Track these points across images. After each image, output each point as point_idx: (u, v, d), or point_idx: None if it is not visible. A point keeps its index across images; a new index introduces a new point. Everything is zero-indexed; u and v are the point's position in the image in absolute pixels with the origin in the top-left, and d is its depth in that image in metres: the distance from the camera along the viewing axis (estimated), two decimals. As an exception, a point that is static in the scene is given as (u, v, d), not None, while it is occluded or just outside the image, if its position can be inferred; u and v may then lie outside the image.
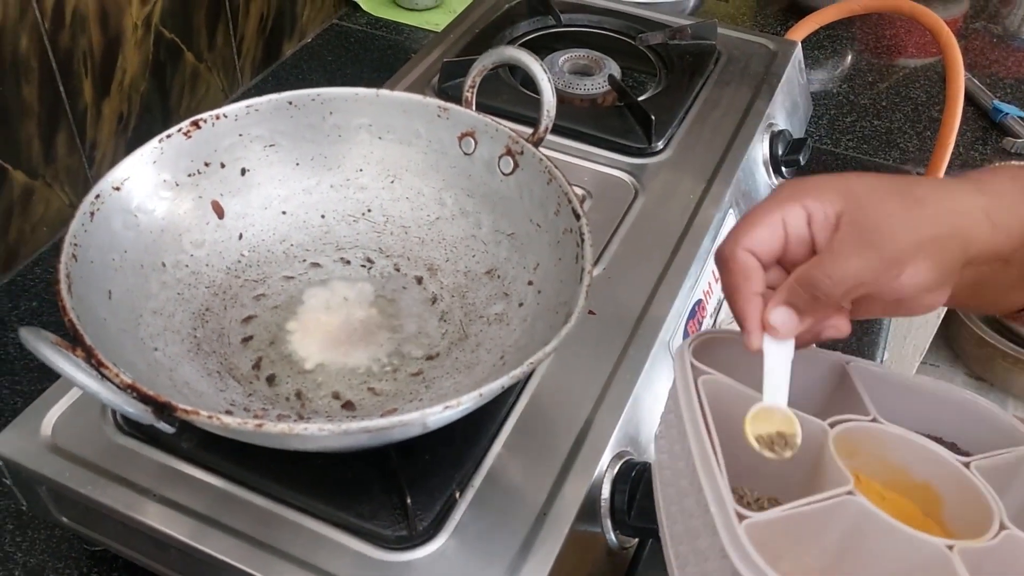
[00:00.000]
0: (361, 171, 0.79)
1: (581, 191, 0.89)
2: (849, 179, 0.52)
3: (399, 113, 0.77)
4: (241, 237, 0.75)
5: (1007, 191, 0.52)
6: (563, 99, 1.00)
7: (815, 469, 0.52)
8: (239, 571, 0.60)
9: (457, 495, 0.62)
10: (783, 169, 1.03)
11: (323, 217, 0.78)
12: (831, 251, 0.51)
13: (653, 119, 0.94)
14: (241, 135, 0.74)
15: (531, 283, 0.71)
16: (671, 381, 0.57)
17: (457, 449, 0.64)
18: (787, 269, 0.54)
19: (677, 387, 0.55)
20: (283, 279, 0.75)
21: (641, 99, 1.00)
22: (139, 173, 0.69)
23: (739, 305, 0.53)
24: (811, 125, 1.25)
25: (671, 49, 1.10)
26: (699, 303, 0.82)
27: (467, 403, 0.53)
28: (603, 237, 0.84)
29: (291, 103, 0.75)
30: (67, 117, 0.96)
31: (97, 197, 0.65)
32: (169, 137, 0.71)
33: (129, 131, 1.06)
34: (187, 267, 0.71)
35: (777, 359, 0.52)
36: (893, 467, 0.55)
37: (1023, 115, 1.28)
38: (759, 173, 1.00)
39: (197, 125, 0.72)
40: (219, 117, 0.73)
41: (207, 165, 0.73)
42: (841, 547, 0.50)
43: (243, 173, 0.75)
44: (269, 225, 0.77)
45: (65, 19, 0.92)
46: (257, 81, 1.27)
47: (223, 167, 0.74)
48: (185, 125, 0.71)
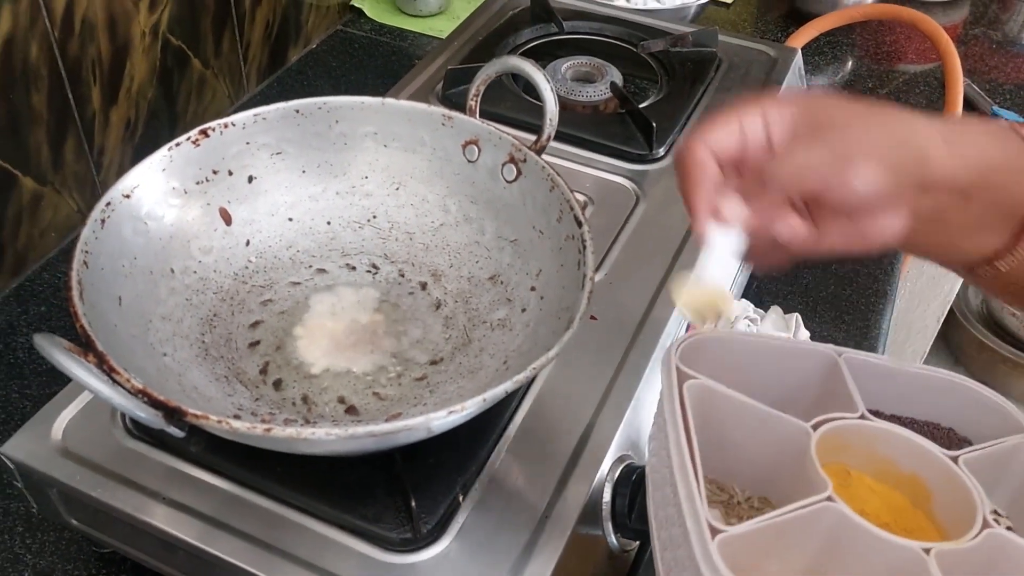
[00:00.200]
0: (367, 178, 0.80)
1: (583, 197, 0.90)
2: (809, 93, 0.53)
3: (404, 121, 0.78)
4: (248, 243, 0.76)
5: (969, 128, 0.52)
6: (565, 106, 1.02)
7: (801, 470, 0.53)
8: (246, 573, 0.61)
9: (460, 498, 0.63)
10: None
11: (329, 223, 0.79)
12: (784, 146, 0.51)
13: (654, 126, 0.95)
14: (248, 143, 0.76)
15: (534, 289, 0.72)
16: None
17: (460, 453, 0.65)
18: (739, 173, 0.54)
19: (662, 394, 0.56)
20: (290, 285, 0.76)
21: (642, 106, 1.01)
22: (149, 181, 0.70)
23: (691, 194, 0.53)
24: (812, 131, 1.25)
25: (672, 56, 1.11)
26: (700, 308, 0.83)
27: (471, 408, 0.54)
28: (605, 243, 0.85)
29: (298, 111, 0.77)
30: (75, 124, 0.98)
31: (108, 205, 0.66)
32: (178, 145, 0.72)
33: (136, 137, 1.07)
34: (195, 273, 0.73)
35: (722, 246, 0.52)
36: (882, 460, 0.55)
37: (1022, 121, 1.29)
38: (759, 179, 1.01)
39: (205, 133, 0.73)
40: (227, 125, 0.74)
41: (215, 173, 0.74)
42: (821, 553, 0.51)
43: (250, 180, 0.76)
44: (276, 231, 0.78)
45: (74, 27, 0.93)
46: (263, 87, 1.28)
47: (231, 174, 0.75)
48: (194, 134, 0.72)
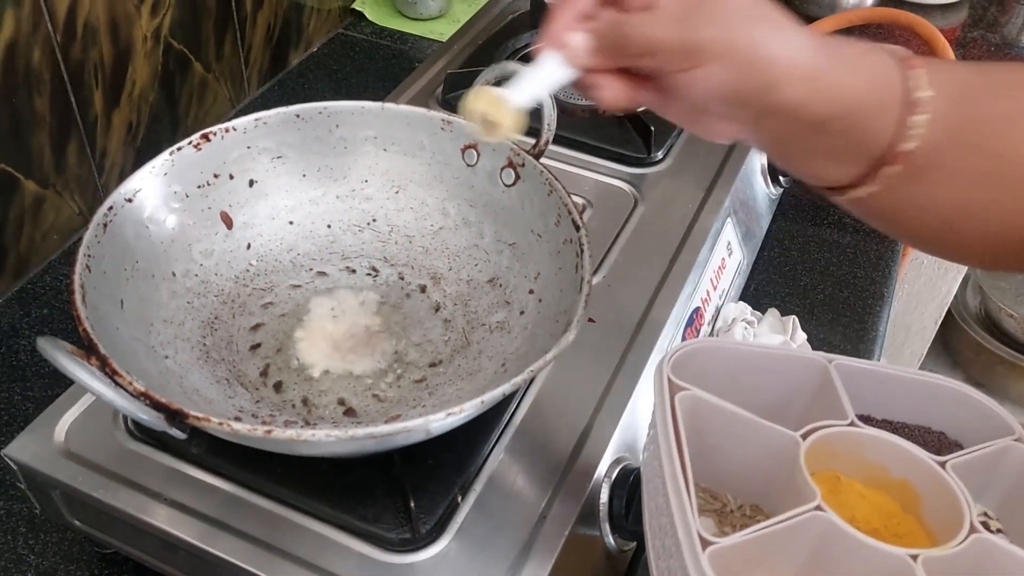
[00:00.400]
0: (366, 182, 0.81)
1: (581, 200, 0.91)
2: None
3: (404, 125, 0.79)
4: (249, 247, 0.77)
5: (843, 60, 0.51)
6: (564, 109, 1.02)
7: (791, 479, 0.54)
8: (247, 572, 0.61)
9: (459, 499, 0.64)
10: (780, 178, 1.04)
11: (329, 227, 0.80)
12: (654, 10, 0.50)
13: (652, 130, 0.96)
14: (249, 147, 0.76)
15: (532, 292, 0.73)
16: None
17: (459, 454, 0.66)
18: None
19: (655, 405, 0.56)
20: (290, 288, 0.77)
21: (641, 109, 1.02)
22: (150, 185, 0.71)
23: (554, 15, 0.53)
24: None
25: (671, 60, 1.11)
26: (697, 311, 0.84)
27: (469, 410, 0.55)
28: (603, 245, 0.85)
29: (298, 116, 0.77)
30: (78, 127, 0.98)
31: (110, 209, 0.67)
32: (180, 150, 0.72)
33: (138, 140, 1.07)
34: (197, 276, 0.73)
35: (546, 70, 0.52)
36: (872, 466, 0.56)
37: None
38: (757, 182, 1.02)
39: (207, 138, 0.74)
40: (228, 130, 0.75)
41: (216, 177, 0.75)
42: (811, 561, 0.51)
43: (251, 184, 0.77)
44: (276, 235, 0.78)
45: (76, 32, 0.94)
46: (264, 90, 1.29)
47: (232, 179, 0.76)
48: (195, 138, 0.73)
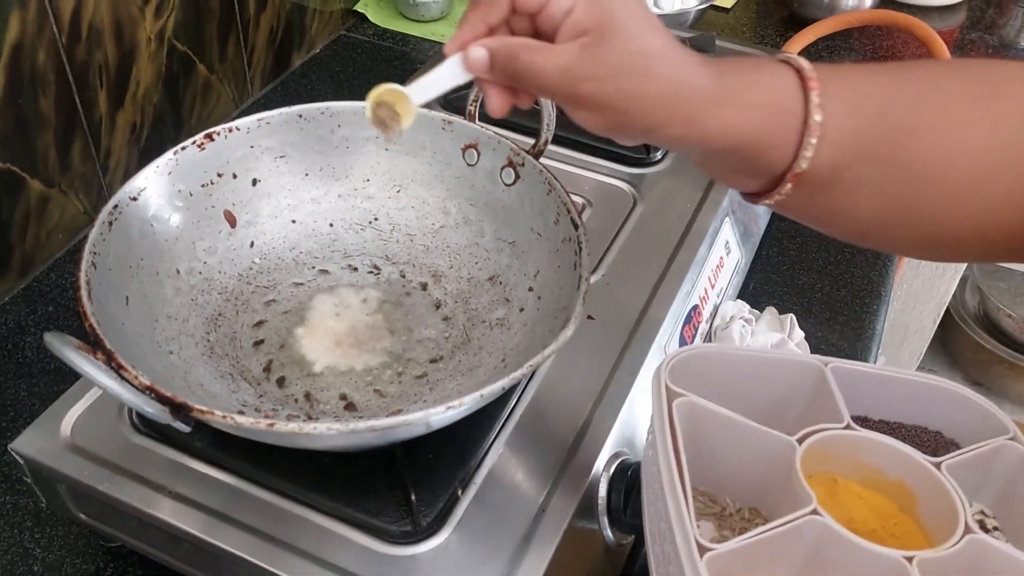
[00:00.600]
0: (368, 181, 0.82)
1: (581, 200, 0.91)
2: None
3: (405, 125, 0.80)
4: (252, 245, 0.78)
5: (733, 98, 0.52)
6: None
7: (787, 483, 0.55)
8: (250, 564, 0.62)
9: (459, 492, 0.65)
10: (779, 178, 1.05)
11: (331, 225, 0.81)
12: (549, 51, 0.53)
13: (652, 130, 0.96)
14: (252, 147, 0.77)
15: (531, 289, 0.73)
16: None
17: (459, 448, 0.67)
18: (536, 26, 0.55)
19: (653, 414, 0.57)
20: (293, 285, 0.78)
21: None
22: (155, 184, 0.72)
23: (465, 19, 0.55)
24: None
25: (670, 61, 1.12)
26: (695, 308, 0.85)
27: (469, 403, 0.56)
28: (602, 244, 0.86)
29: (301, 116, 0.78)
30: (82, 127, 0.99)
31: (115, 207, 0.68)
32: (184, 149, 0.73)
33: (142, 141, 1.08)
34: (200, 274, 0.74)
35: (448, 72, 0.56)
36: (869, 468, 0.57)
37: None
38: (755, 182, 1.02)
39: (211, 137, 0.75)
40: (231, 130, 0.76)
41: (220, 176, 0.76)
42: (808, 564, 0.52)
43: (254, 183, 0.78)
44: (279, 233, 0.79)
45: (81, 33, 0.95)
46: (267, 91, 1.30)
47: (235, 178, 0.77)
48: (199, 138, 0.74)
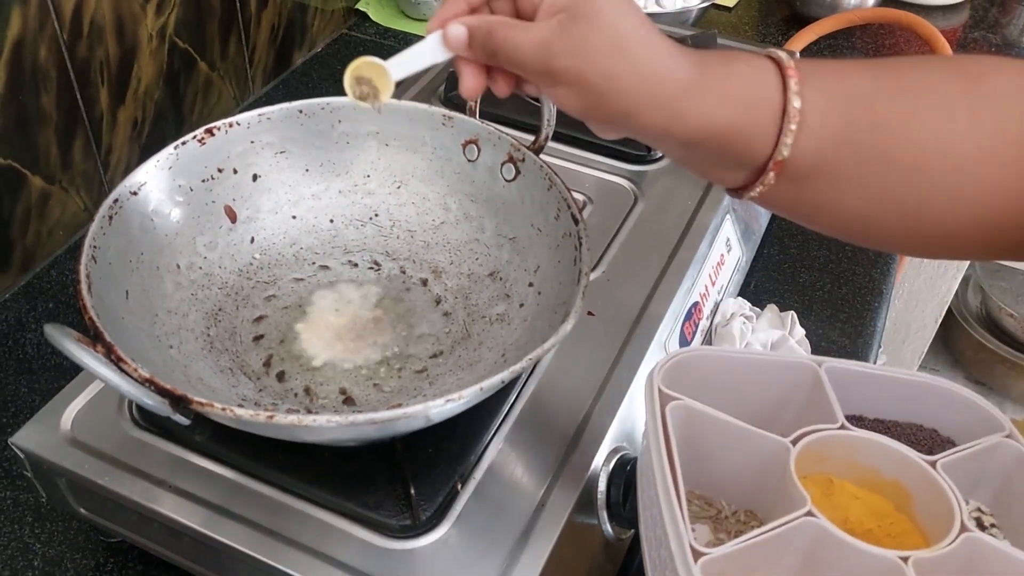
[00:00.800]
0: (368, 177, 0.82)
1: (582, 197, 0.91)
2: None
3: (405, 121, 0.80)
4: (253, 240, 0.78)
5: (711, 86, 0.52)
6: (565, 107, 1.03)
7: (782, 484, 0.55)
8: (250, 558, 0.62)
9: (459, 487, 0.65)
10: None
11: (332, 221, 0.81)
12: (527, 27, 0.53)
13: (653, 127, 0.96)
14: (253, 142, 0.77)
15: (532, 284, 0.73)
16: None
17: (459, 443, 0.67)
18: (517, 8, 0.56)
19: (646, 418, 0.57)
20: (293, 281, 0.78)
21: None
22: (155, 178, 0.72)
23: (447, 1, 0.56)
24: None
25: (672, 59, 1.12)
26: (695, 305, 0.85)
27: (468, 397, 0.56)
28: (603, 241, 0.86)
29: (301, 111, 0.78)
30: (84, 124, 0.99)
31: (115, 201, 0.68)
32: (184, 144, 0.73)
33: (143, 138, 1.09)
34: (201, 269, 0.74)
35: (428, 49, 0.57)
36: (864, 467, 0.57)
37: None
38: (756, 180, 1.02)
39: (211, 132, 0.75)
40: (232, 125, 0.76)
41: (220, 171, 0.76)
42: (803, 565, 0.52)
43: (255, 179, 0.78)
44: (279, 229, 0.79)
45: (83, 30, 0.95)
46: (268, 89, 1.30)
47: (235, 173, 0.77)
48: (199, 133, 0.74)
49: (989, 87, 0.52)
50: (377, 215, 0.81)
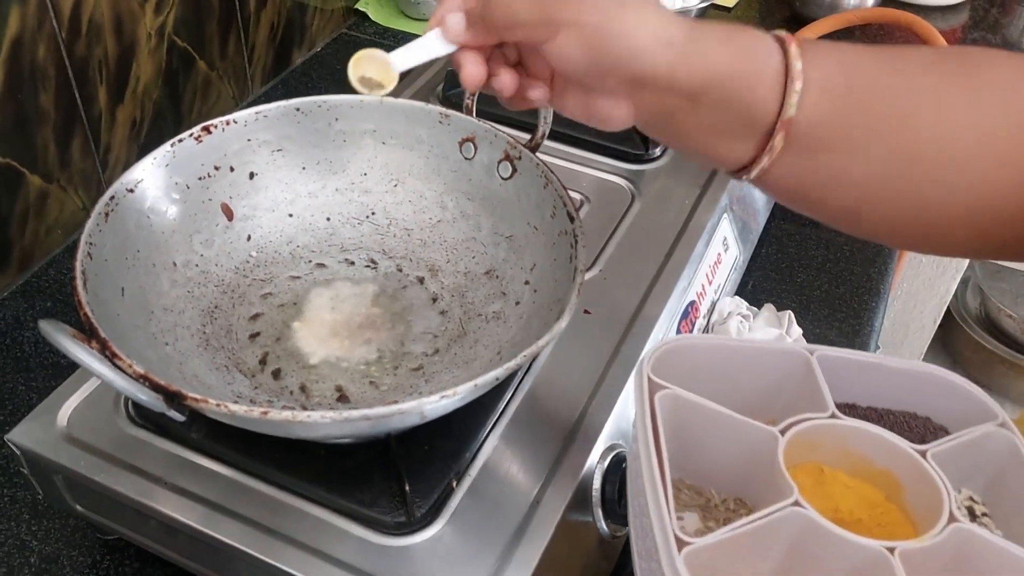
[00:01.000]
0: (365, 175, 0.82)
1: (579, 196, 0.91)
2: None
3: (402, 119, 0.80)
4: (249, 238, 0.78)
5: (711, 35, 0.53)
6: (563, 107, 1.03)
7: (770, 474, 0.55)
8: (246, 556, 0.62)
9: (454, 484, 0.65)
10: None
11: (328, 219, 0.81)
12: None
13: (650, 126, 0.96)
14: (250, 140, 0.77)
15: (528, 282, 0.73)
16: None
17: (455, 440, 0.67)
18: None
19: (635, 407, 0.57)
20: (289, 279, 0.78)
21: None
22: (152, 176, 0.72)
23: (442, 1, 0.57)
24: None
25: (670, 58, 1.12)
26: (692, 304, 0.85)
27: (463, 393, 0.56)
28: (600, 240, 0.86)
29: (298, 109, 0.78)
30: (82, 123, 1.00)
31: (112, 198, 0.68)
32: (181, 141, 0.73)
33: (142, 136, 1.09)
34: (197, 266, 0.74)
35: (429, 42, 0.58)
36: (855, 456, 0.57)
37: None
38: (754, 179, 1.02)
39: (208, 130, 0.75)
40: (229, 123, 0.76)
41: (217, 169, 0.76)
42: (789, 555, 0.52)
43: (251, 177, 0.78)
44: (276, 227, 0.80)
45: (81, 28, 0.95)
46: (267, 88, 1.30)
47: (232, 171, 0.77)
48: (196, 130, 0.74)
49: (984, 80, 0.52)
50: (374, 213, 0.82)
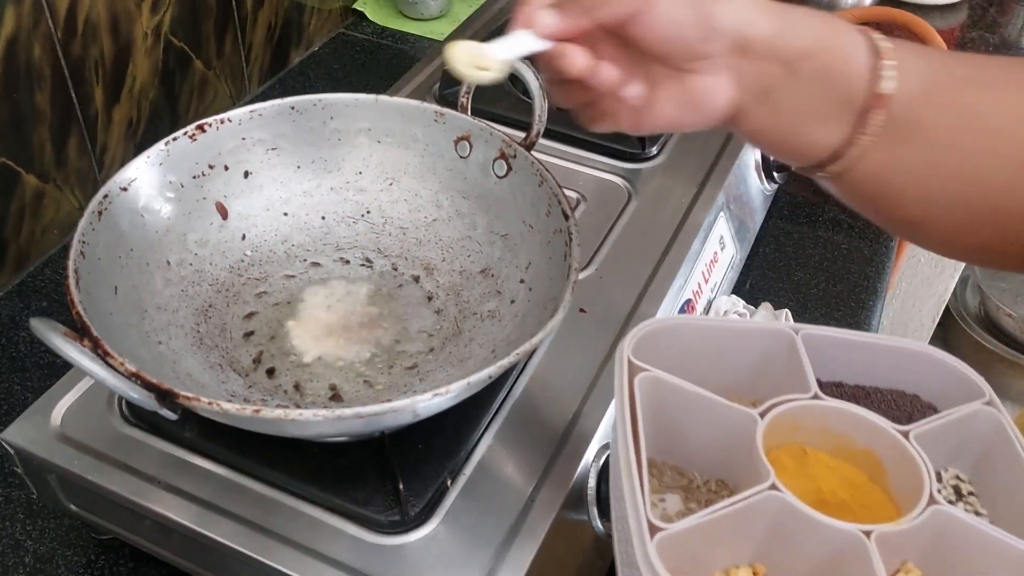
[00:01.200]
0: (360, 174, 0.82)
1: (576, 195, 0.91)
2: None
3: (397, 117, 0.80)
4: (244, 237, 0.78)
5: (800, 11, 0.53)
6: (561, 106, 1.03)
7: (749, 457, 0.54)
8: (240, 555, 0.62)
9: (448, 482, 0.65)
10: (775, 174, 1.05)
11: (323, 218, 0.81)
12: None
13: (647, 125, 0.96)
14: (244, 139, 0.77)
15: (523, 281, 0.73)
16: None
17: (449, 439, 0.67)
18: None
19: (615, 390, 0.57)
20: (284, 277, 0.78)
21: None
22: (146, 174, 0.72)
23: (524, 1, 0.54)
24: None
25: (667, 57, 1.12)
26: (688, 303, 0.85)
27: (455, 391, 0.56)
28: (596, 239, 0.86)
29: (293, 108, 0.78)
30: (78, 122, 0.99)
31: (105, 197, 0.68)
32: (175, 140, 0.73)
33: (139, 136, 1.09)
34: (191, 265, 0.74)
35: (522, 38, 0.54)
36: (838, 437, 0.56)
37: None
38: (751, 178, 1.02)
39: (202, 129, 0.75)
40: (223, 121, 0.76)
41: (211, 167, 0.76)
42: (767, 539, 0.52)
43: (246, 175, 0.78)
44: (271, 226, 0.79)
45: (77, 28, 0.95)
46: (264, 88, 1.30)
47: (227, 169, 0.77)
48: (190, 128, 0.74)
49: None
50: (369, 212, 0.81)
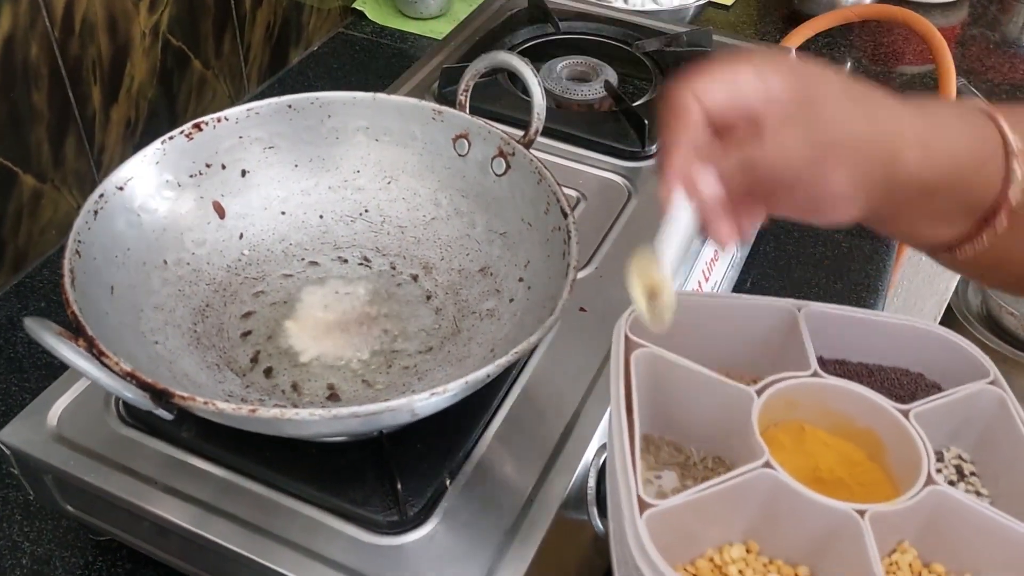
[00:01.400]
0: (358, 172, 0.81)
1: (576, 193, 0.91)
2: (802, 60, 0.52)
3: (395, 116, 0.79)
4: (241, 236, 0.78)
5: (945, 122, 0.52)
6: (560, 104, 1.03)
7: (744, 435, 0.54)
8: (239, 556, 0.62)
9: (447, 482, 0.64)
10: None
11: (321, 217, 0.81)
12: (769, 123, 0.50)
13: (647, 123, 0.96)
14: (241, 137, 0.77)
15: (522, 280, 0.73)
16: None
17: (448, 439, 0.66)
18: (719, 134, 0.53)
19: (611, 366, 0.56)
20: (282, 277, 0.77)
21: (636, 104, 1.02)
22: (142, 173, 0.71)
23: (672, 152, 0.52)
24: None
25: (667, 56, 1.12)
26: (689, 301, 0.84)
27: (453, 390, 0.55)
28: (596, 237, 0.85)
29: (290, 106, 0.78)
30: (76, 122, 0.99)
31: (101, 196, 0.68)
32: (172, 139, 0.73)
33: (137, 136, 1.08)
34: (188, 265, 0.74)
35: (682, 220, 0.52)
36: (837, 414, 0.56)
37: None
38: (752, 176, 1.02)
39: (199, 127, 0.74)
40: (220, 120, 0.75)
41: (208, 166, 0.76)
42: (759, 517, 0.51)
43: (243, 174, 0.78)
44: (269, 225, 0.79)
45: (74, 27, 0.95)
46: (263, 88, 1.30)
47: (224, 168, 0.77)
48: (187, 127, 0.74)
49: None
50: (367, 211, 0.81)
